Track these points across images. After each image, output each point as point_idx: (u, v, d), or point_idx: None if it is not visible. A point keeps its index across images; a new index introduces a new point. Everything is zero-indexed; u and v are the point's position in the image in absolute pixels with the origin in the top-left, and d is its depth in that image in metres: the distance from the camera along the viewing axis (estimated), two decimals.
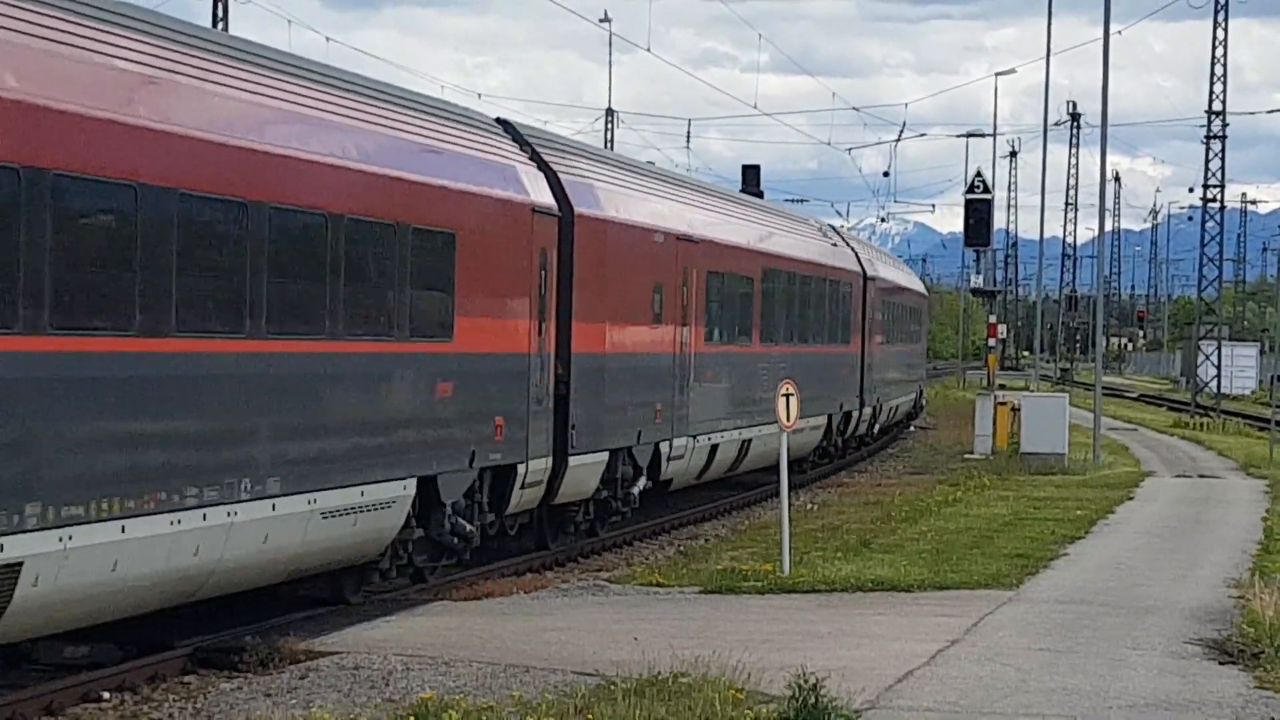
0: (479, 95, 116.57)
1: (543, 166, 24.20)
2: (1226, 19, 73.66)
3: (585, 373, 24.92)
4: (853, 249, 46.59)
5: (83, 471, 14.33)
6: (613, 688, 13.62)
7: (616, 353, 26.31)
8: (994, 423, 44.74)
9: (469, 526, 21.65)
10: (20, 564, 13.58)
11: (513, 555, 24.41)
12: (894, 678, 14.67)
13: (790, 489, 23.98)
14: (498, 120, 24.47)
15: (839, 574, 21.17)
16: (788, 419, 21.87)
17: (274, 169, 17.03)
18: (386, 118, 19.89)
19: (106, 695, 14.97)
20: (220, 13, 53.11)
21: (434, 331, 20.22)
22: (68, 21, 14.76)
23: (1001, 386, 58.81)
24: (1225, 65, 73.59)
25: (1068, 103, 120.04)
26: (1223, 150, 74.67)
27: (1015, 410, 43.42)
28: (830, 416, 41.03)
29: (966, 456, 44.49)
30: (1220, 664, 15.78)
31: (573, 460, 24.54)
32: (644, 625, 17.51)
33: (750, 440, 33.30)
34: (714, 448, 31.33)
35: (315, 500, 17.65)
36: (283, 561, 17.63)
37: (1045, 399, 44.40)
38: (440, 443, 20.55)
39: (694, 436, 29.91)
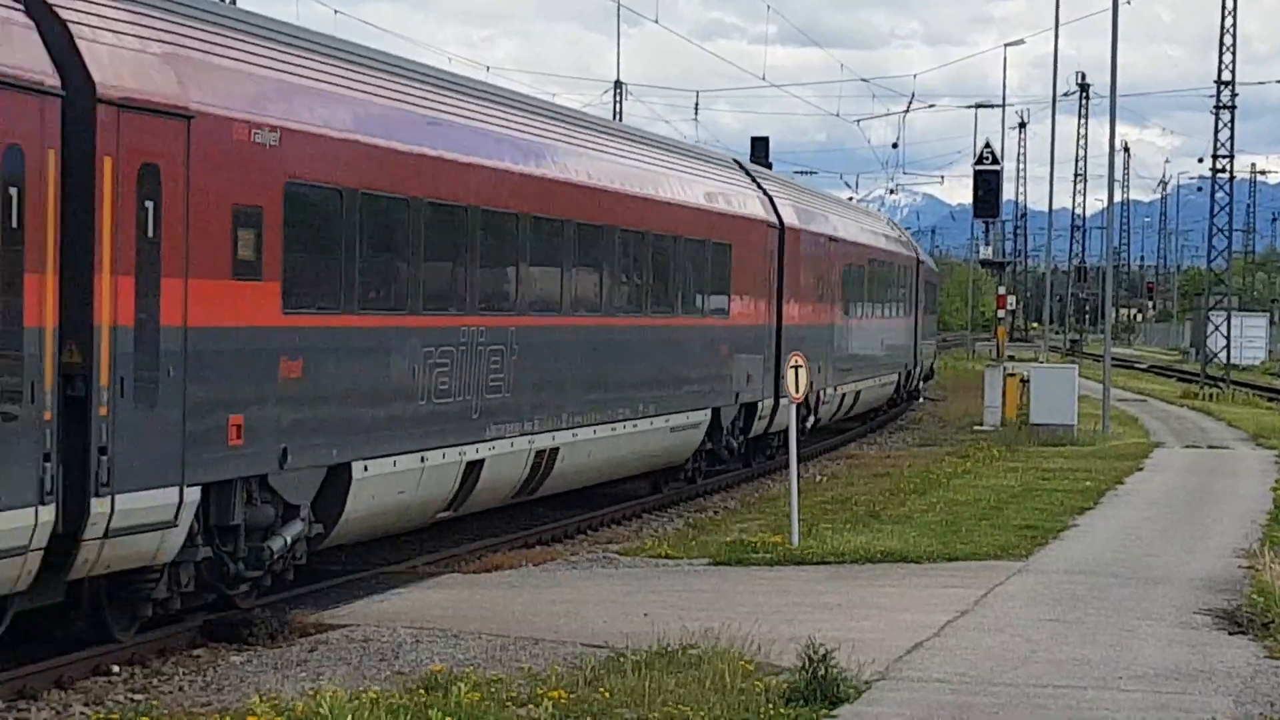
0: (487, 68, 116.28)
1: (764, 193, 33.63)
2: None
3: (789, 339, 33.04)
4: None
5: (590, 397, 24.25)
6: (622, 660, 13.63)
7: (803, 324, 35.15)
8: (1003, 394, 44.68)
9: (734, 442, 31.24)
10: (558, 449, 22.97)
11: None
12: (904, 649, 14.67)
13: (799, 461, 24.03)
14: (734, 160, 35.16)
15: (848, 545, 21.17)
16: (796, 390, 21.95)
17: (663, 211, 27.33)
18: (696, 168, 30.24)
19: (116, 669, 14.98)
20: None
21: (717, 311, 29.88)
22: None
23: (1010, 358, 58.80)
24: (1235, 35, 73.39)
25: (1076, 73, 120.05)
26: (1232, 120, 74.47)
27: (1024, 382, 43.36)
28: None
29: (976, 428, 44.46)
30: (1230, 634, 15.78)
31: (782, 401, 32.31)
32: (653, 597, 17.53)
33: (860, 391, 43.13)
34: (845, 395, 40.83)
35: (668, 419, 27.40)
36: (652, 454, 27.56)
37: (1054, 370, 44.35)
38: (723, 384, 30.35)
39: (835, 387, 39.18)
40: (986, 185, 48.94)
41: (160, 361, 14.77)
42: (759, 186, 33.87)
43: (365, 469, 18.05)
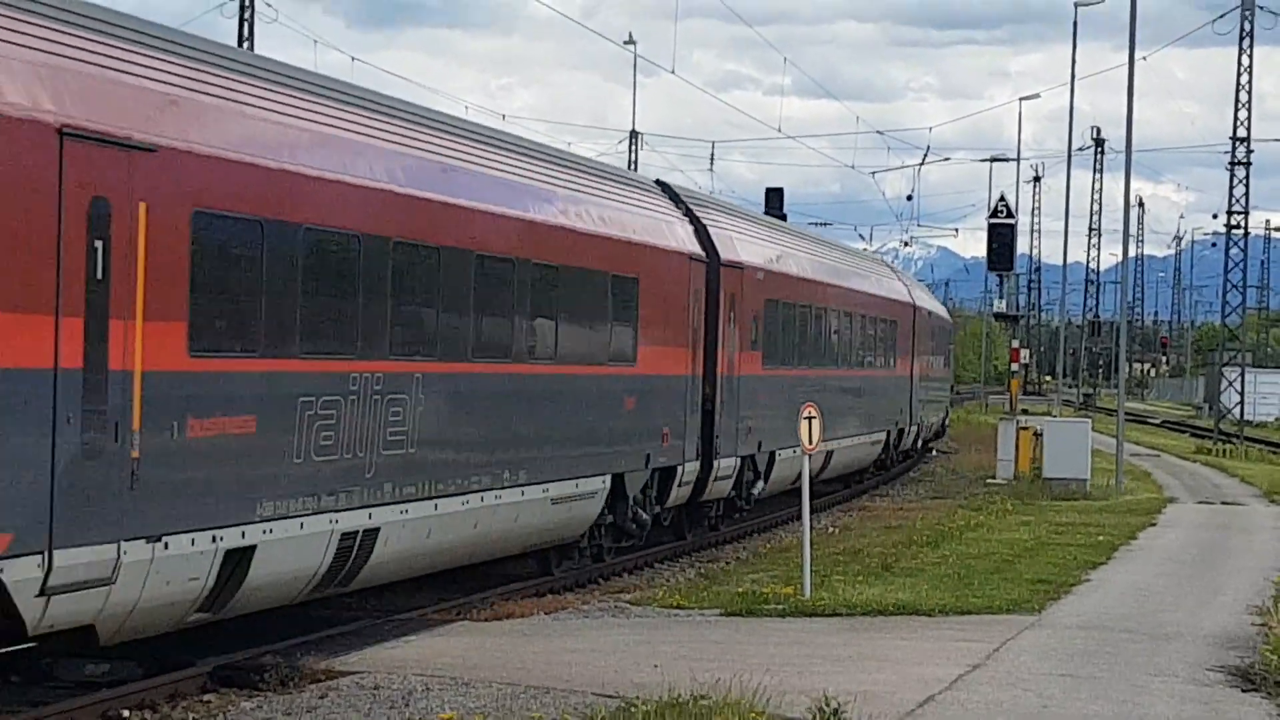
0: (503, 116, 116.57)
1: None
2: (1252, 45, 73.65)
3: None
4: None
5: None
6: (633, 710, 13.59)
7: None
8: (1016, 448, 44.63)
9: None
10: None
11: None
12: (915, 702, 14.62)
13: (812, 513, 23.91)
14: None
15: (860, 597, 21.13)
16: (810, 441, 21.88)
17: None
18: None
19: (127, 713, 14.94)
20: (246, 32, 53.33)
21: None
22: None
23: (1024, 411, 58.72)
24: (1250, 92, 73.53)
25: (1092, 128, 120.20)
26: (1247, 177, 74.59)
27: (1037, 435, 43.33)
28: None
29: (989, 481, 44.40)
30: (1243, 691, 15.72)
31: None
32: (664, 647, 17.49)
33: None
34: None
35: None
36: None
37: (1068, 424, 44.30)
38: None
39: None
40: (1001, 239, 48.95)
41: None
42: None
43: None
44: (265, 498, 16.34)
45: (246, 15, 53.22)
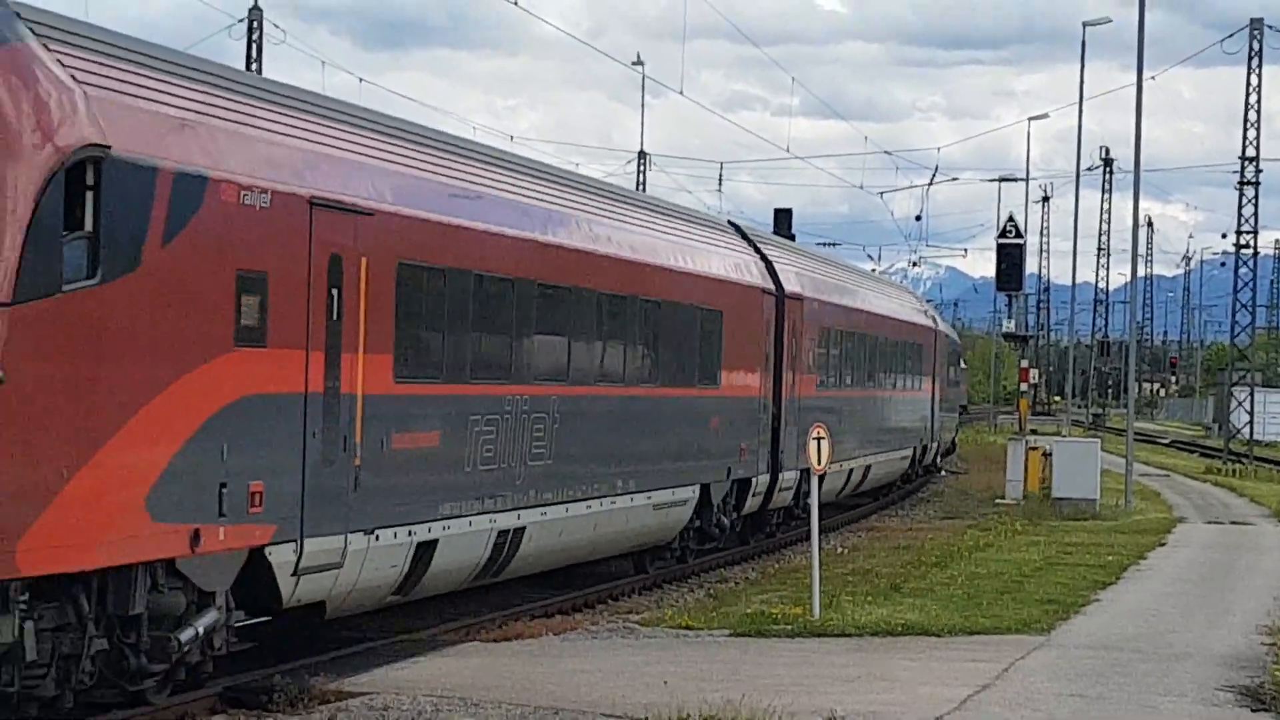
0: (511, 137, 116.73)
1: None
2: (1261, 65, 73.68)
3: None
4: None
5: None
6: None
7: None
8: (1025, 468, 44.64)
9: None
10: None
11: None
12: None
13: (820, 533, 24.00)
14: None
15: (869, 618, 21.12)
16: (819, 461, 21.95)
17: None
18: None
19: None
20: (254, 54, 53.44)
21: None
22: None
23: (1033, 431, 58.74)
24: (1260, 111, 73.52)
25: (1100, 148, 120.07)
26: (1256, 196, 74.56)
27: (1047, 455, 43.32)
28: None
29: (998, 501, 44.37)
30: (1253, 711, 15.71)
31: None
32: (673, 668, 17.49)
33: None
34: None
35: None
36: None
37: (1077, 444, 44.31)
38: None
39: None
40: (1009, 258, 48.91)
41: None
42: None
43: None
44: (445, 500, 19.62)
45: (255, 37, 53.33)
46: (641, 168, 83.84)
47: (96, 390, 13.91)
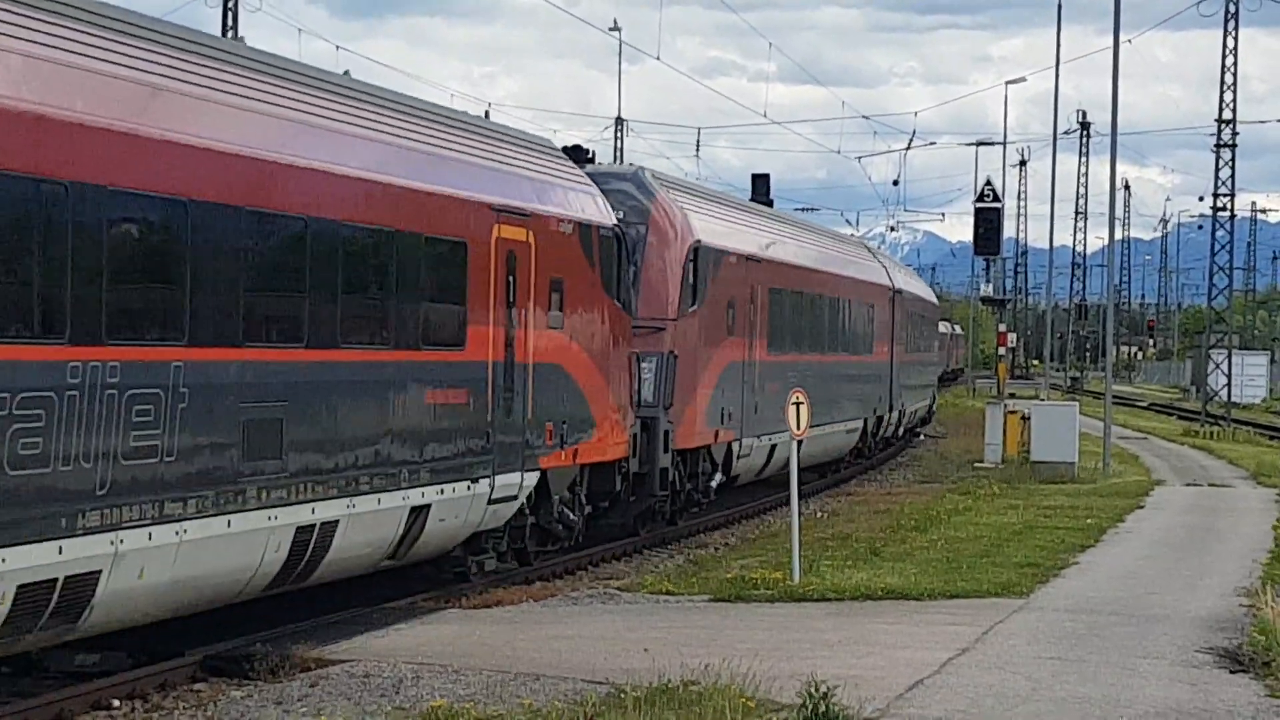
0: (489, 105, 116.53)
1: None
2: (1237, 28, 73.69)
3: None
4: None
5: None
6: (623, 696, 13.61)
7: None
8: (1004, 431, 44.71)
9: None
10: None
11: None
12: (904, 686, 14.66)
13: (800, 498, 24.00)
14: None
15: (849, 582, 21.16)
16: (798, 427, 21.92)
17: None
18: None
19: (117, 703, 14.96)
20: (230, 21, 53.23)
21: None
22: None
23: (1011, 395, 58.75)
24: (1235, 74, 73.58)
25: (1077, 111, 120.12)
26: (1233, 159, 74.65)
27: (1025, 419, 43.38)
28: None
29: (976, 465, 44.46)
30: (1231, 673, 15.76)
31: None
32: (654, 633, 17.51)
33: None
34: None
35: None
36: None
37: (1055, 408, 44.38)
38: None
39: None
40: (987, 223, 48.94)
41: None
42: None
43: None
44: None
45: (230, 5, 53.13)
46: (619, 134, 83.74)
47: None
